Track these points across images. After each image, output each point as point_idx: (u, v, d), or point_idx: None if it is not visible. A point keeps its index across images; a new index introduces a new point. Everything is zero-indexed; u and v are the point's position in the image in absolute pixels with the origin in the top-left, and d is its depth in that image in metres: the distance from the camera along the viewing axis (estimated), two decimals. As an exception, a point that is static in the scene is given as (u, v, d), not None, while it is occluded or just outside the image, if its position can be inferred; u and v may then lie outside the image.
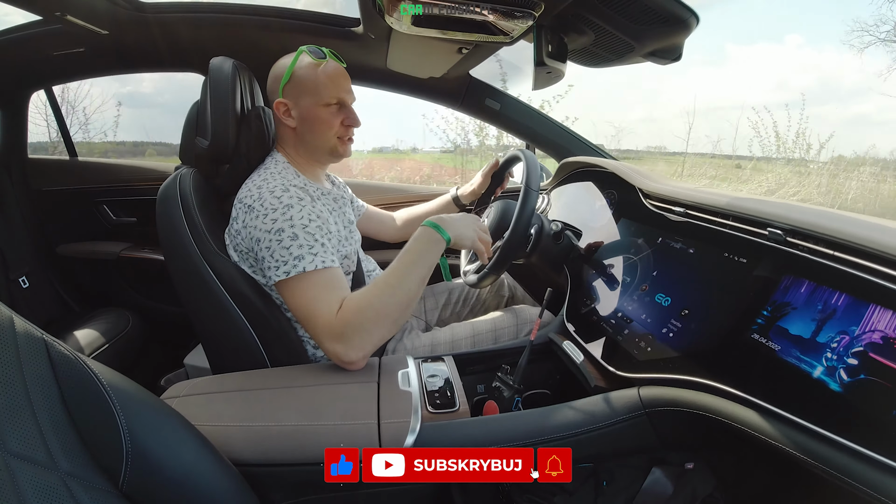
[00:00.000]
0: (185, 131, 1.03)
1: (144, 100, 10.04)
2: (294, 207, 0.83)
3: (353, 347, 0.76)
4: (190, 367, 1.27)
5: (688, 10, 0.84)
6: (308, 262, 0.79)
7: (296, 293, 0.80)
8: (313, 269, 0.79)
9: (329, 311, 0.77)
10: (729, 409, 0.58)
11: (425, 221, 0.86)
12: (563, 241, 1.10)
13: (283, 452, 0.67)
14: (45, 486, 0.42)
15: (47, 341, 0.49)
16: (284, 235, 0.80)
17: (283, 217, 0.81)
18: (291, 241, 0.80)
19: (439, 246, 0.84)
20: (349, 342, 0.76)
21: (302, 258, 0.79)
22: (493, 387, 0.88)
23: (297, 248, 0.80)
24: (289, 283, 0.80)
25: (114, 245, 1.72)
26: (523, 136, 1.63)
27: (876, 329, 0.51)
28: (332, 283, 0.80)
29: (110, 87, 9.73)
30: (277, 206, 0.82)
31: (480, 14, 0.87)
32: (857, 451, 0.46)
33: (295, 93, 0.92)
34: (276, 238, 0.80)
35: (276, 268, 0.80)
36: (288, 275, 0.79)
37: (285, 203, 0.83)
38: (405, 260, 0.82)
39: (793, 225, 0.64)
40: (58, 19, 1.18)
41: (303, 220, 0.82)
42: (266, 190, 0.85)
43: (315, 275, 0.79)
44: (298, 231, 0.81)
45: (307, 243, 0.80)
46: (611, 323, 0.86)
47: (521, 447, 0.69)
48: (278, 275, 0.80)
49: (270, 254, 0.81)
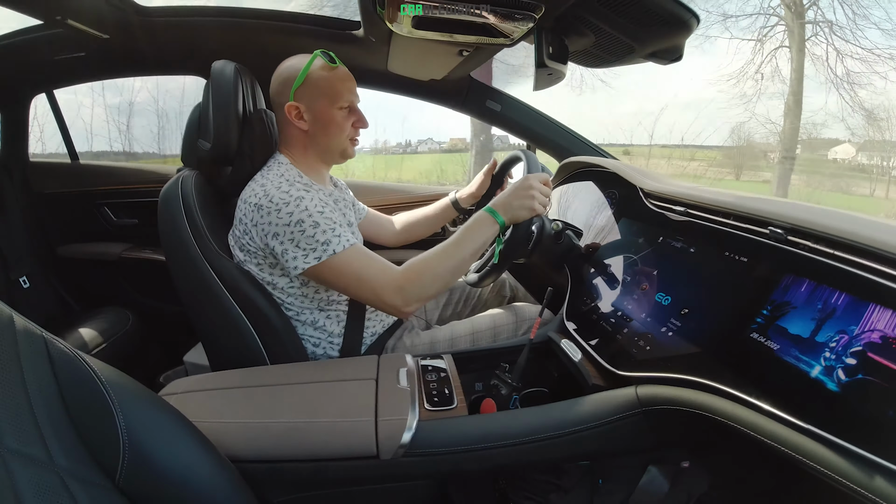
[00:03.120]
0: (187, 134, 1.04)
1: (138, 109, 10.02)
2: (305, 198, 0.85)
3: (413, 297, 0.84)
4: (189, 365, 1.27)
5: (688, 11, 0.84)
6: (336, 243, 0.83)
7: (338, 270, 0.84)
8: (342, 250, 0.83)
9: (385, 268, 0.85)
10: (726, 408, 0.58)
11: (485, 208, 0.90)
12: (563, 240, 1.09)
13: (280, 449, 0.67)
14: (42, 482, 0.42)
15: (47, 339, 0.49)
16: (306, 225, 0.83)
17: (298, 208, 0.84)
18: (314, 228, 0.83)
19: (493, 228, 0.89)
20: (409, 293, 0.84)
21: (329, 242, 0.83)
22: (491, 385, 0.88)
23: (321, 233, 0.83)
24: (325, 266, 0.83)
25: (115, 246, 1.73)
26: (524, 137, 1.63)
27: (875, 329, 0.51)
28: (367, 254, 0.87)
29: (108, 99, 9.74)
30: (288, 199, 0.84)
31: (481, 16, 0.88)
32: (853, 452, 0.46)
33: (309, 96, 0.93)
34: (297, 229, 0.83)
35: (305, 255, 0.83)
36: (319, 260, 0.82)
37: (295, 196, 0.85)
38: (462, 235, 0.88)
39: (794, 224, 0.64)
40: (59, 24, 1.18)
41: (317, 208, 0.85)
42: (272, 187, 0.86)
43: (350, 251, 0.84)
44: (317, 218, 0.84)
45: (329, 227, 0.84)
46: (610, 322, 0.86)
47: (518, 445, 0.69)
48: (308, 262, 0.83)
49: (295, 244, 0.83)
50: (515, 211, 0.89)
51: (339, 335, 0.98)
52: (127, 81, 4.60)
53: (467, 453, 0.69)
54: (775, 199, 0.73)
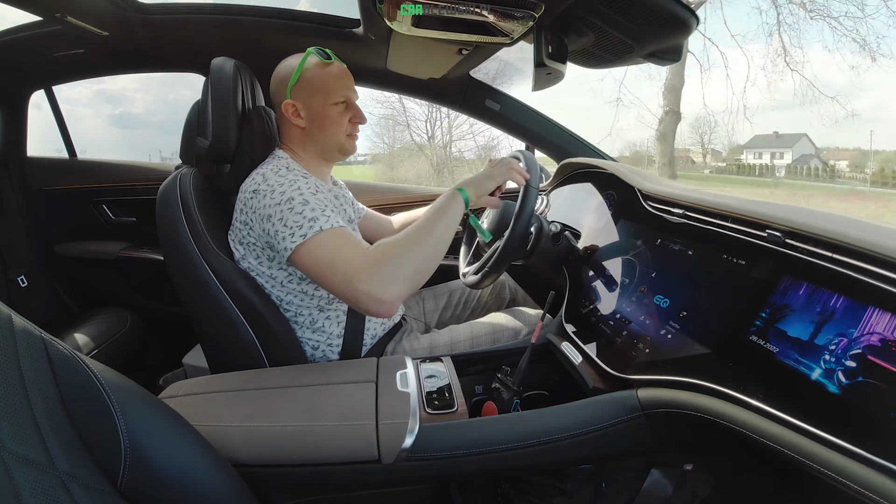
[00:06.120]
0: (186, 131, 1.03)
1: (136, 120, 9.99)
2: (300, 181, 0.86)
3: (388, 282, 0.76)
4: (188, 367, 1.27)
5: (688, 11, 0.84)
6: (324, 221, 0.81)
7: (315, 254, 0.80)
8: (329, 228, 0.81)
9: (359, 251, 0.80)
10: (727, 410, 0.58)
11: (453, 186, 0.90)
12: (562, 241, 1.10)
13: (281, 453, 0.67)
14: (43, 485, 0.42)
15: (46, 340, 0.49)
16: (295, 203, 0.82)
17: (292, 188, 0.84)
18: (303, 206, 0.82)
19: (458, 201, 0.87)
20: (383, 277, 0.76)
21: (316, 220, 0.81)
22: (492, 388, 0.88)
23: (309, 211, 0.82)
24: (306, 245, 0.80)
25: (113, 245, 1.72)
26: (523, 137, 1.63)
27: (874, 331, 0.51)
28: (351, 236, 0.83)
29: (103, 109, 9.73)
30: (283, 181, 0.85)
31: (480, 15, 0.87)
32: (855, 453, 0.46)
33: (304, 93, 0.93)
34: (287, 206, 0.82)
35: (292, 234, 0.81)
36: (305, 238, 0.80)
37: (290, 179, 0.86)
38: (428, 215, 0.86)
39: (792, 227, 0.64)
40: (58, 20, 1.18)
41: (311, 190, 0.85)
42: (270, 172, 0.87)
43: (333, 232, 0.81)
44: (308, 198, 0.83)
45: (319, 207, 0.83)
46: (609, 324, 0.86)
47: (520, 448, 0.69)
48: (294, 241, 0.80)
49: (284, 223, 0.82)
50: (481, 183, 0.90)
51: (339, 336, 0.97)
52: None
53: (469, 457, 0.69)
54: (773, 203, 0.73)
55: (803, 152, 11.71)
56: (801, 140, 11.78)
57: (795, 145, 11.82)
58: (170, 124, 6.72)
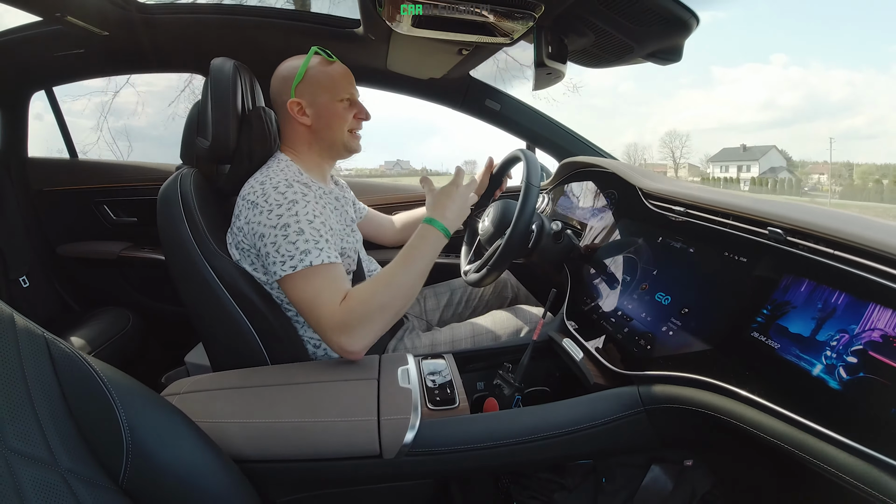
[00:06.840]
0: (186, 132, 1.03)
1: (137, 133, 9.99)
2: (299, 203, 0.84)
3: (357, 337, 0.77)
4: (191, 365, 1.27)
5: (687, 11, 0.84)
6: (314, 256, 0.80)
7: (301, 287, 0.80)
8: (319, 264, 0.80)
9: (333, 302, 0.79)
10: (728, 406, 0.59)
11: (424, 218, 0.89)
12: (563, 240, 1.10)
13: (283, 449, 0.67)
14: (45, 482, 0.42)
15: (48, 339, 0.49)
16: (290, 231, 0.81)
17: (289, 213, 0.82)
18: (297, 235, 0.81)
19: (440, 241, 0.87)
20: (353, 332, 0.77)
21: (308, 252, 0.80)
22: (493, 384, 0.88)
23: (303, 242, 0.81)
24: (294, 277, 0.80)
25: (114, 245, 1.72)
26: (524, 137, 1.63)
27: (875, 328, 0.51)
28: (335, 278, 0.82)
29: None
30: (282, 201, 0.83)
31: (480, 15, 0.88)
32: (856, 449, 0.46)
33: (310, 91, 0.93)
34: (281, 234, 0.81)
35: (283, 262, 0.80)
36: (294, 269, 0.80)
37: (290, 199, 0.84)
38: (406, 255, 0.85)
39: (793, 224, 0.64)
40: (58, 20, 1.18)
41: (308, 216, 0.83)
42: (270, 186, 0.85)
43: (321, 269, 0.81)
44: (304, 226, 0.82)
45: (313, 238, 0.82)
46: (611, 321, 0.86)
47: (521, 444, 0.69)
48: (284, 269, 0.80)
49: (276, 249, 0.81)
50: (458, 216, 0.91)
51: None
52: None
53: (470, 452, 0.69)
54: (774, 200, 0.73)
55: (772, 165, 11.75)
56: (769, 152, 11.78)
57: (762, 158, 11.83)
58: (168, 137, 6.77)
